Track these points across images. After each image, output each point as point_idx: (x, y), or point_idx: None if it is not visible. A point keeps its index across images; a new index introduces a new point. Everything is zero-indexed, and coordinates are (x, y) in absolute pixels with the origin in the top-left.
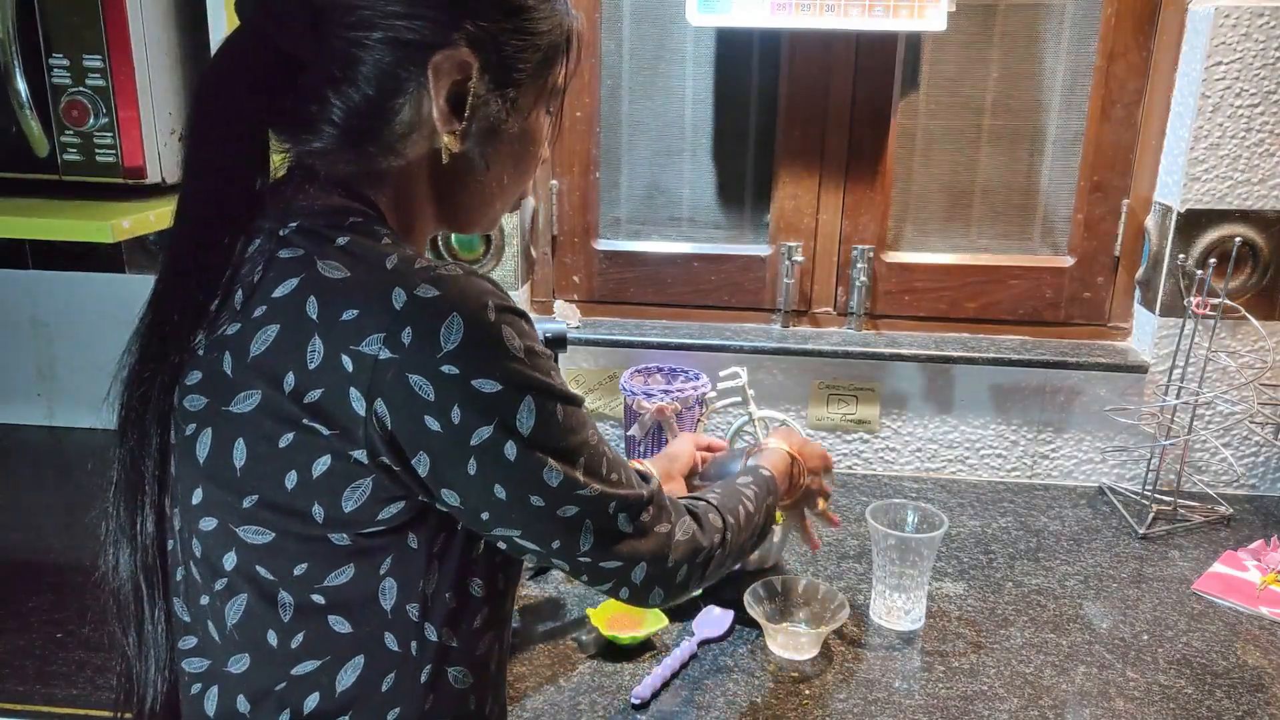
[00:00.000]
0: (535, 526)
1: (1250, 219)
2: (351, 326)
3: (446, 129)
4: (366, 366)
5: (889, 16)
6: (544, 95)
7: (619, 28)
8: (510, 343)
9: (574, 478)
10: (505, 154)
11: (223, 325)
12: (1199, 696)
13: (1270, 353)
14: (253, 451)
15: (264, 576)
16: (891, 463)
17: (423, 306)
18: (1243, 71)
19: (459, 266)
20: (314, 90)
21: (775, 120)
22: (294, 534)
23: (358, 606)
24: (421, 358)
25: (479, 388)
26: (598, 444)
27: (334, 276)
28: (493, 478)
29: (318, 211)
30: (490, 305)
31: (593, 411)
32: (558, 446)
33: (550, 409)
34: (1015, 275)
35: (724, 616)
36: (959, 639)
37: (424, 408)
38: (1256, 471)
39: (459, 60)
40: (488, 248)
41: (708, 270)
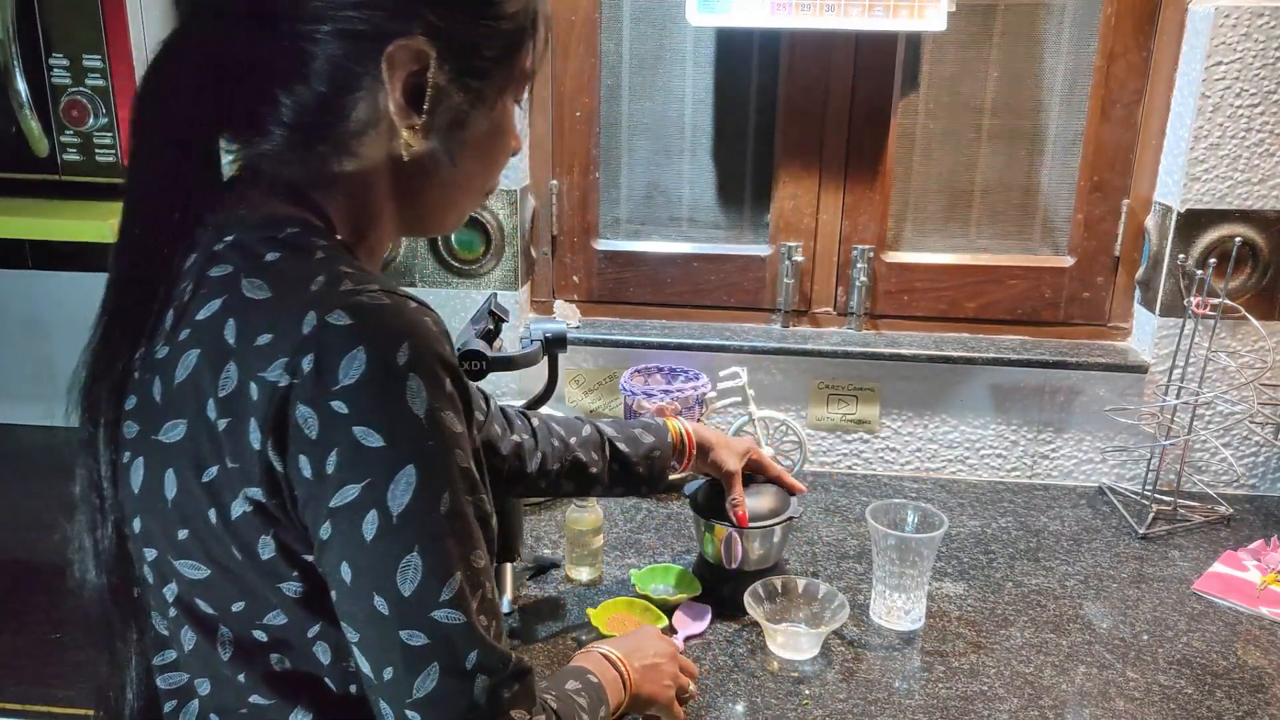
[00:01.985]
0: (372, 638)
1: (1250, 219)
2: (263, 352)
3: (405, 124)
4: (266, 395)
5: (889, 16)
6: (511, 83)
7: (619, 28)
8: (412, 397)
9: (434, 593)
10: (472, 148)
11: (156, 347)
12: (1199, 696)
13: (1270, 353)
14: (182, 484)
15: (204, 610)
16: (891, 463)
17: (330, 334)
18: (1243, 71)
19: (395, 295)
20: (262, 90)
21: (775, 120)
22: (228, 571)
23: (297, 648)
24: (315, 388)
25: (360, 437)
26: (483, 571)
27: (256, 297)
28: (343, 553)
29: (255, 223)
30: (406, 347)
31: (593, 412)
32: (430, 544)
33: (435, 493)
34: (1015, 275)
35: (701, 610)
36: (959, 639)
37: (302, 445)
38: (1256, 471)
39: (415, 50)
40: (488, 248)
41: (707, 270)
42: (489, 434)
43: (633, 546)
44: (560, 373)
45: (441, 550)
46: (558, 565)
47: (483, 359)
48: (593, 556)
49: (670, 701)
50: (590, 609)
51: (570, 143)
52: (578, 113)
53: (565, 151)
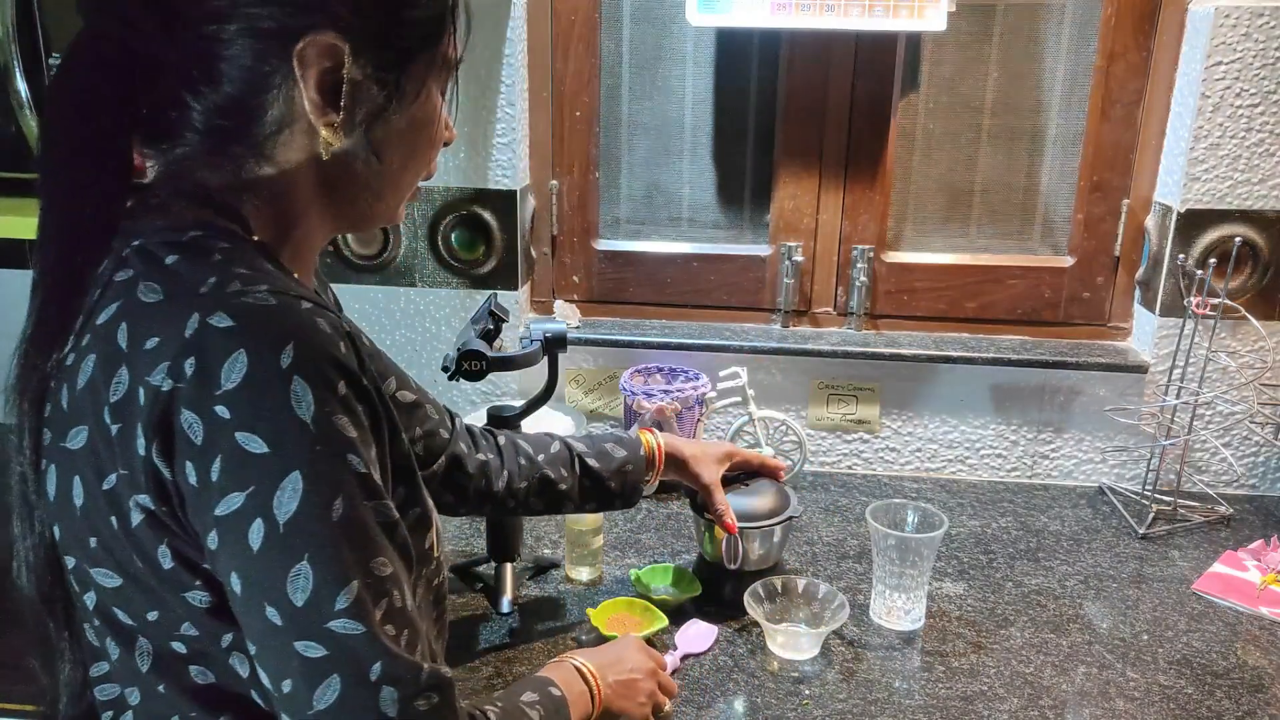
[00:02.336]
0: (270, 650)
1: (1250, 219)
2: (149, 356)
3: (323, 121)
4: (150, 399)
5: (889, 16)
6: (434, 72)
7: (619, 28)
8: (297, 400)
9: (329, 603)
10: (397, 141)
11: (67, 353)
12: (1199, 696)
13: (1270, 353)
14: (87, 492)
15: (123, 620)
16: (891, 463)
17: (211, 336)
18: (1243, 71)
19: (285, 296)
20: (171, 93)
21: (775, 120)
22: (138, 580)
23: (215, 659)
24: (198, 393)
25: (244, 443)
26: (389, 579)
27: (148, 301)
28: (231, 563)
29: (161, 227)
30: (290, 350)
31: (593, 412)
32: (321, 553)
33: (324, 500)
34: (1015, 275)
35: (709, 632)
36: (959, 639)
37: (187, 450)
38: (1256, 471)
39: (326, 45)
40: (488, 247)
41: (707, 270)
42: (455, 450)
43: (633, 546)
44: (560, 373)
45: (334, 559)
46: (558, 565)
47: (483, 359)
48: (593, 556)
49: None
50: (590, 609)
51: (570, 143)
52: (578, 113)
53: (565, 151)
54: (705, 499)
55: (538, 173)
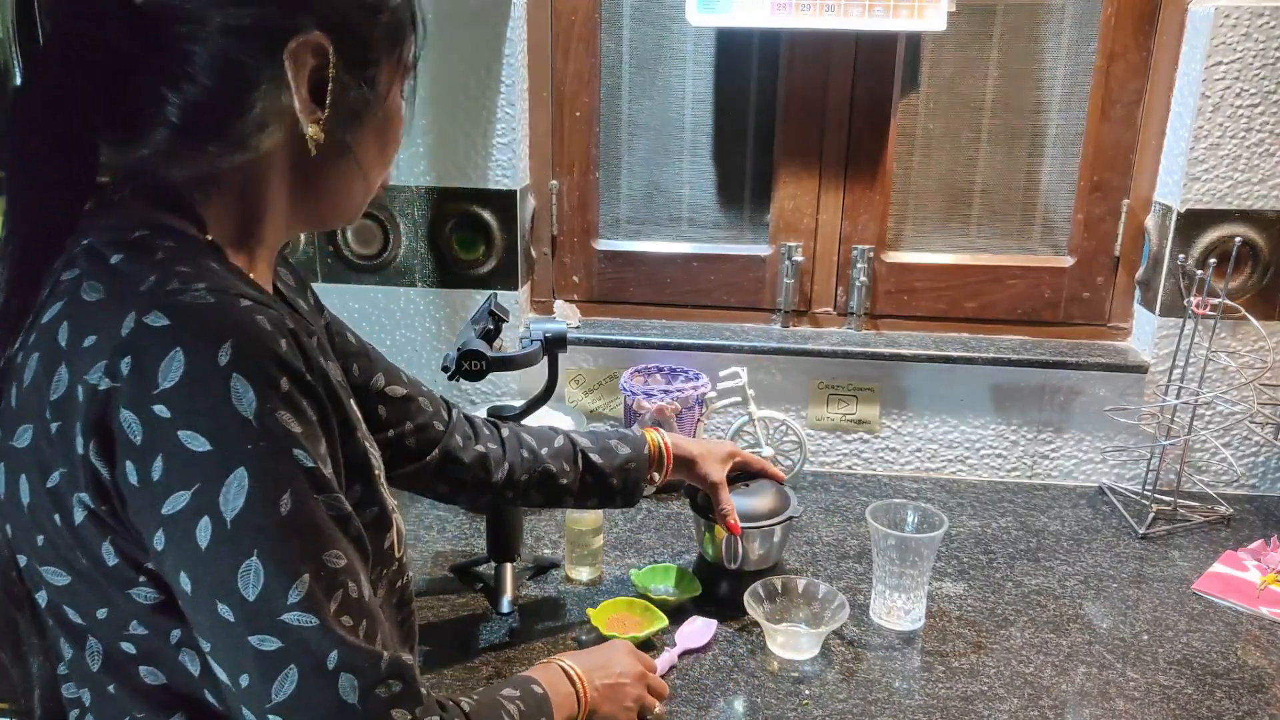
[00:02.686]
0: (224, 646)
1: (1250, 219)
2: (87, 354)
3: (310, 119)
4: (88, 397)
5: (889, 16)
6: (398, 73)
7: (619, 28)
8: (237, 398)
9: (281, 596)
10: (370, 139)
11: (16, 352)
12: (1199, 696)
13: (1270, 353)
14: (33, 490)
15: (73, 620)
16: (891, 463)
17: (147, 335)
18: (1243, 71)
19: (224, 294)
20: (147, 89)
21: (775, 120)
22: (85, 578)
23: (165, 659)
24: (135, 392)
25: (185, 441)
26: (343, 570)
27: (89, 300)
28: (179, 562)
29: (112, 226)
30: (228, 347)
31: (593, 412)
32: (270, 547)
33: (271, 495)
34: (1015, 275)
35: (707, 627)
36: (959, 639)
37: (128, 451)
38: (1256, 471)
39: (315, 45)
40: (488, 247)
41: (707, 270)
42: (451, 442)
43: (633, 546)
44: (560, 373)
45: (284, 552)
46: (558, 565)
47: (483, 359)
48: (593, 556)
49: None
50: (590, 609)
51: (570, 143)
52: (577, 113)
53: (565, 151)
54: (711, 498)
55: (538, 173)
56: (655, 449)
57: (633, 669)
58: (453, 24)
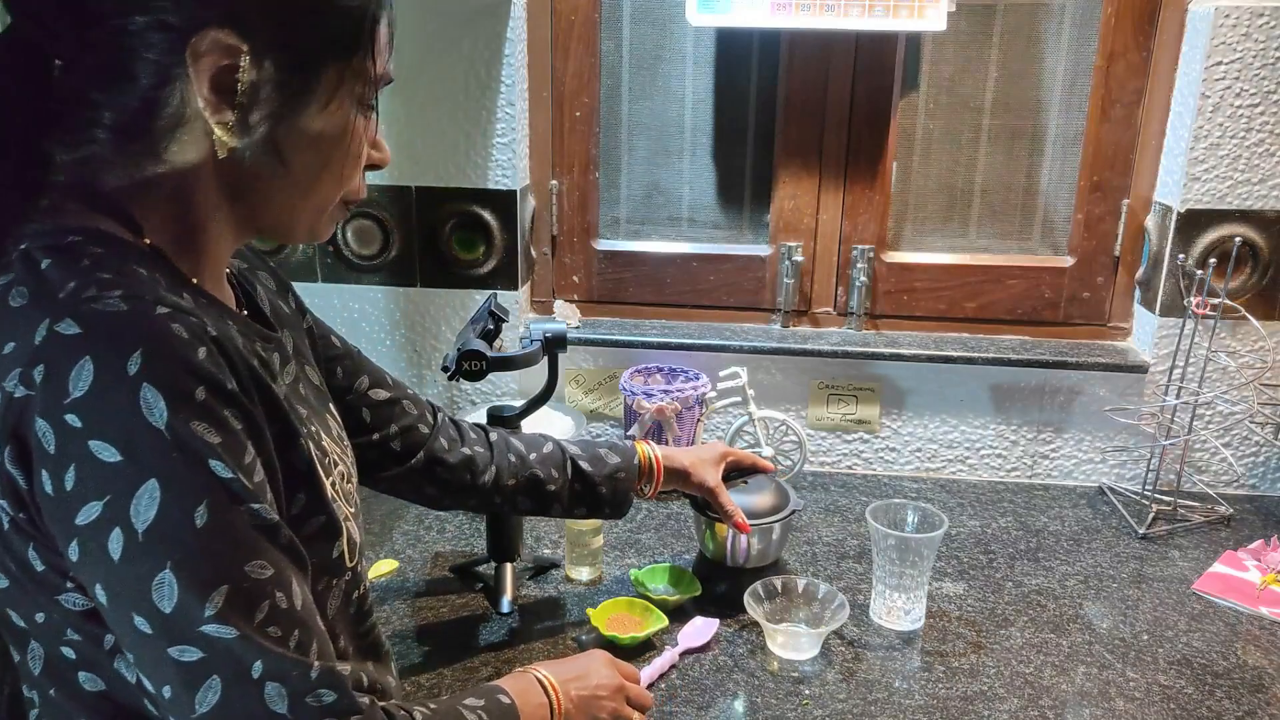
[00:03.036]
0: (145, 658)
1: (1250, 219)
2: (6, 361)
3: (216, 119)
4: (4, 405)
5: (889, 16)
6: (347, 83)
7: (619, 28)
8: (147, 408)
9: (198, 608)
10: (305, 149)
11: None
12: (1199, 696)
13: (1270, 353)
14: None
15: (16, 624)
16: (891, 463)
17: (58, 343)
18: (1243, 71)
19: (139, 300)
20: (77, 90)
21: (775, 120)
22: (20, 583)
23: (102, 665)
24: (48, 401)
25: (96, 452)
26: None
27: (14, 306)
28: (94, 574)
29: (48, 230)
30: (138, 356)
31: (593, 412)
32: (184, 559)
33: (184, 507)
34: (1015, 275)
35: (707, 626)
36: (959, 639)
37: (43, 459)
38: (1256, 471)
39: (222, 44)
40: (488, 247)
41: (707, 270)
42: (435, 445)
43: (633, 546)
44: (560, 373)
45: (199, 565)
46: (558, 565)
47: (483, 359)
48: (593, 556)
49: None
50: (590, 609)
51: (570, 143)
52: (577, 113)
53: (565, 151)
54: (714, 503)
55: (538, 173)
56: (645, 460)
57: (611, 681)
58: (452, 24)
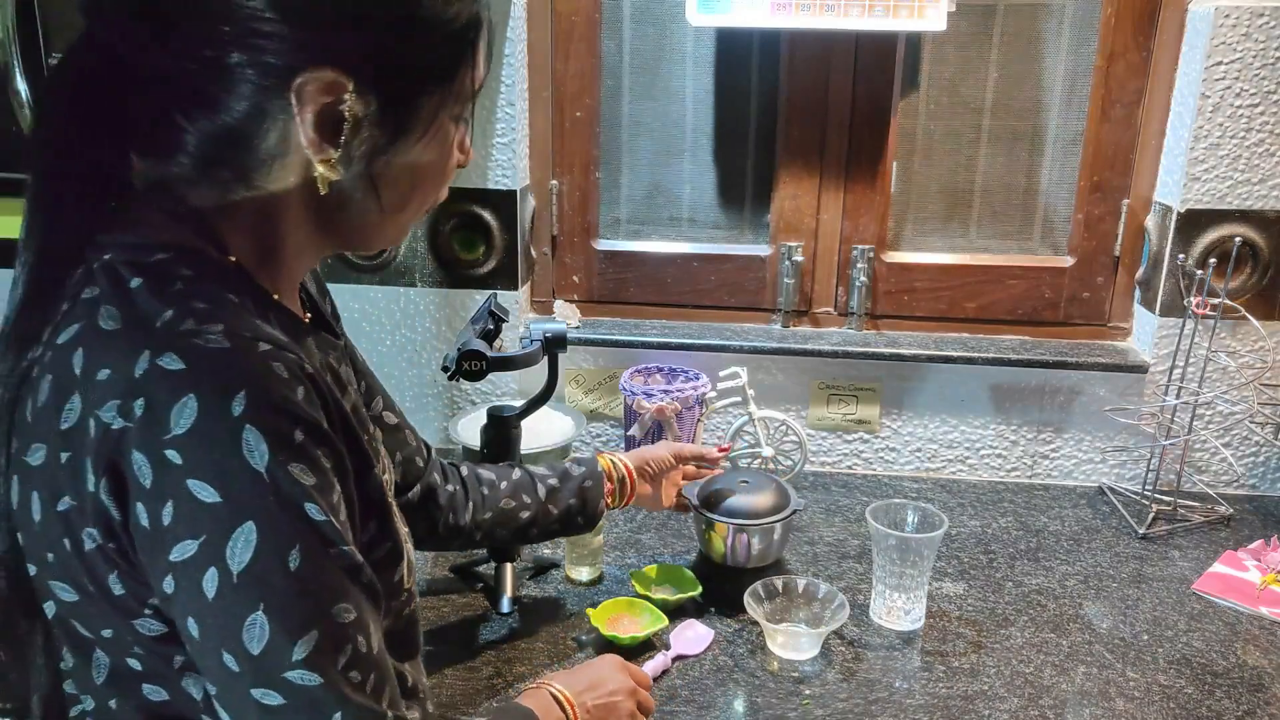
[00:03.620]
0: (228, 695)
1: (1250, 219)
2: (101, 388)
3: (319, 158)
4: (100, 434)
5: (889, 16)
6: (449, 101)
7: (619, 28)
8: (249, 450)
9: (286, 652)
10: (400, 176)
11: (34, 367)
12: (1199, 696)
13: (1270, 353)
14: (44, 509)
15: (81, 633)
16: (891, 463)
17: (161, 379)
18: (1243, 71)
19: (240, 337)
20: (166, 112)
21: (775, 120)
22: (93, 599)
23: (169, 680)
24: (147, 435)
25: (195, 491)
26: (353, 624)
27: (106, 328)
28: (186, 608)
29: (132, 244)
30: (242, 396)
31: (593, 412)
32: (277, 603)
33: (280, 550)
34: (1015, 275)
35: (702, 637)
36: (959, 639)
37: (139, 493)
38: (1256, 471)
39: (329, 82)
40: (488, 247)
41: (708, 270)
42: (430, 480)
43: (633, 546)
44: (560, 373)
45: (291, 609)
46: (558, 565)
47: (483, 359)
48: (593, 556)
49: None
50: (590, 609)
51: (570, 143)
52: (578, 113)
53: (565, 151)
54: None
55: (538, 173)
56: (608, 465)
57: (625, 685)
58: None
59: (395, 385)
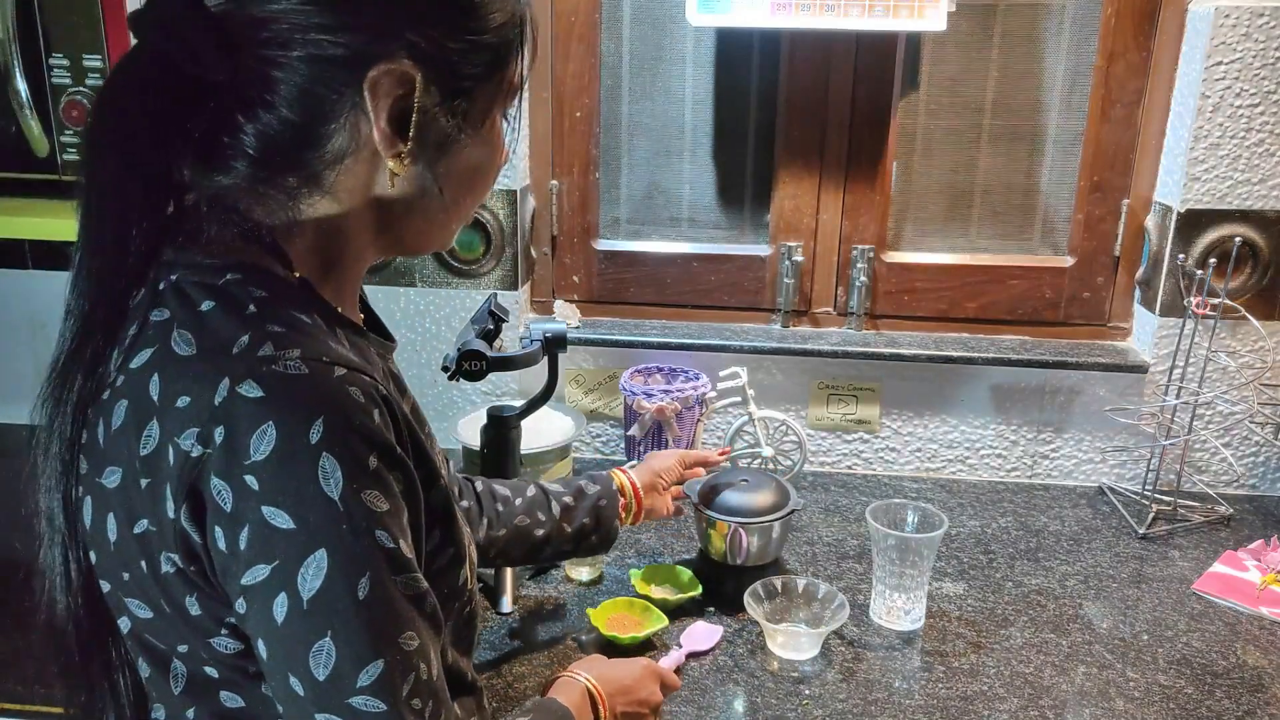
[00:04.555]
0: (293, 715)
1: (1250, 219)
2: (180, 415)
3: (391, 153)
4: (180, 462)
5: (889, 16)
6: (499, 97)
7: (619, 28)
8: (325, 477)
9: (352, 679)
10: (461, 170)
11: (104, 389)
12: (1199, 696)
13: (1270, 353)
14: (120, 530)
15: (155, 644)
16: (891, 463)
17: (241, 405)
18: (1243, 71)
19: (317, 363)
20: (225, 117)
21: (775, 120)
22: (168, 618)
23: (246, 687)
24: (227, 462)
25: (269, 517)
26: (416, 652)
27: (181, 353)
28: (256, 630)
29: (201, 264)
30: (320, 424)
31: (593, 412)
32: (344, 630)
33: (349, 578)
34: (1015, 275)
35: (712, 632)
36: (959, 639)
37: (217, 516)
38: (1256, 471)
39: (400, 74)
40: (488, 247)
41: (708, 270)
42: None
43: (633, 546)
44: (560, 373)
45: (358, 636)
46: (558, 565)
47: (483, 359)
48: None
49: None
50: (590, 609)
51: (570, 143)
52: (578, 113)
53: (565, 151)
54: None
55: (538, 173)
56: (620, 483)
57: (654, 699)
58: None
59: None
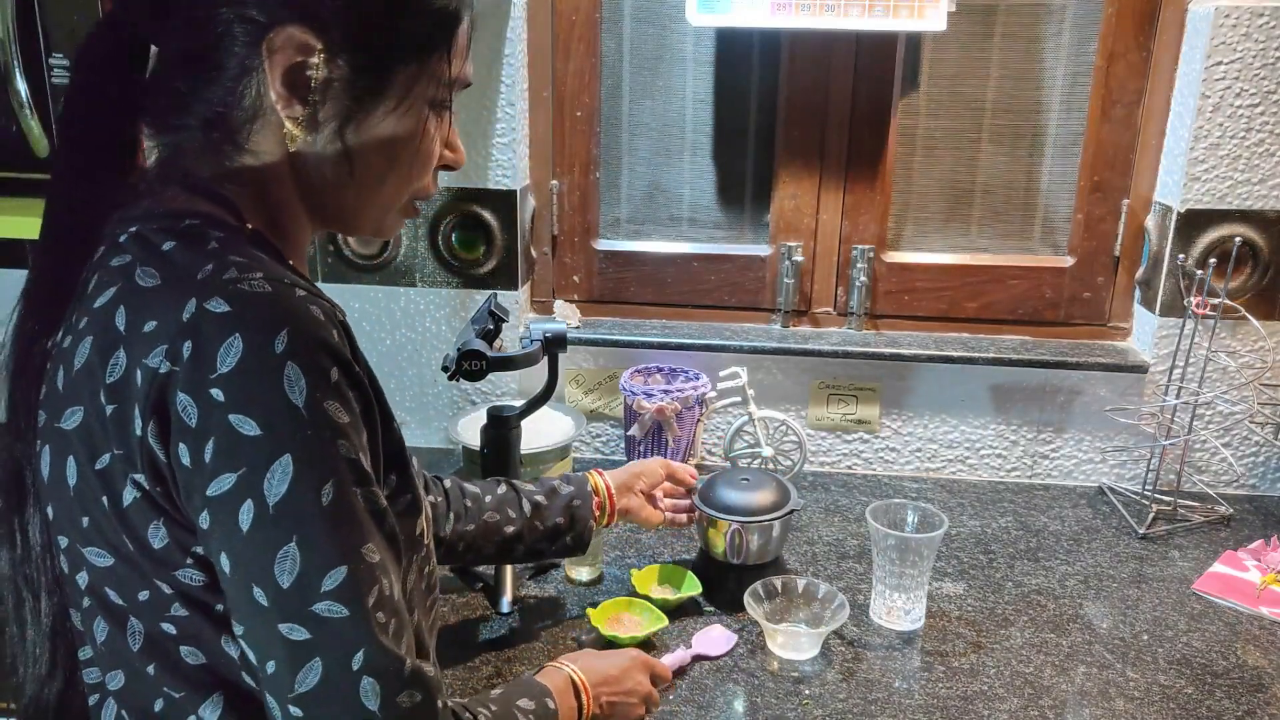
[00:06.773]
0: (255, 631)
1: (1250, 219)
2: (147, 338)
3: (287, 114)
4: (148, 380)
5: (889, 16)
6: (424, 83)
7: (619, 28)
8: (289, 385)
9: (315, 584)
10: (372, 146)
11: (62, 337)
12: (1199, 696)
13: (1270, 353)
14: (80, 471)
15: (114, 601)
16: (891, 463)
17: (208, 321)
18: (1243, 71)
19: (280, 283)
20: (165, 78)
21: (775, 120)
22: (129, 560)
23: (206, 641)
24: (194, 375)
25: (237, 425)
26: (378, 566)
27: (146, 285)
28: (221, 543)
29: (158, 214)
30: (284, 335)
31: (593, 412)
32: (309, 535)
33: (314, 483)
34: (1015, 275)
35: (727, 639)
36: (959, 639)
37: (182, 432)
38: (1256, 471)
39: (297, 41)
40: (488, 247)
41: (708, 270)
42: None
43: (633, 546)
44: (560, 373)
45: (322, 541)
46: (557, 565)
47: (483, 359)
48: (593, 556)
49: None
50: (590, 609)
51: (570, 143)
52: (578, 112)
53: (565, 151)
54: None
55: (538, 173)
56: (595, 484)
57: (642, 689)
58: None
59: (395, 385)
